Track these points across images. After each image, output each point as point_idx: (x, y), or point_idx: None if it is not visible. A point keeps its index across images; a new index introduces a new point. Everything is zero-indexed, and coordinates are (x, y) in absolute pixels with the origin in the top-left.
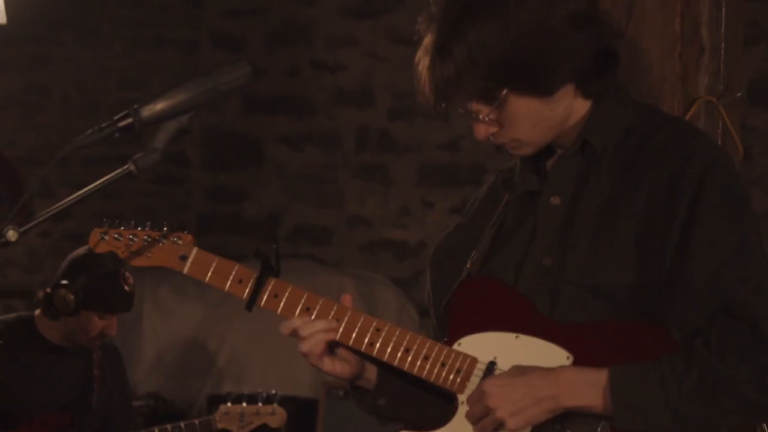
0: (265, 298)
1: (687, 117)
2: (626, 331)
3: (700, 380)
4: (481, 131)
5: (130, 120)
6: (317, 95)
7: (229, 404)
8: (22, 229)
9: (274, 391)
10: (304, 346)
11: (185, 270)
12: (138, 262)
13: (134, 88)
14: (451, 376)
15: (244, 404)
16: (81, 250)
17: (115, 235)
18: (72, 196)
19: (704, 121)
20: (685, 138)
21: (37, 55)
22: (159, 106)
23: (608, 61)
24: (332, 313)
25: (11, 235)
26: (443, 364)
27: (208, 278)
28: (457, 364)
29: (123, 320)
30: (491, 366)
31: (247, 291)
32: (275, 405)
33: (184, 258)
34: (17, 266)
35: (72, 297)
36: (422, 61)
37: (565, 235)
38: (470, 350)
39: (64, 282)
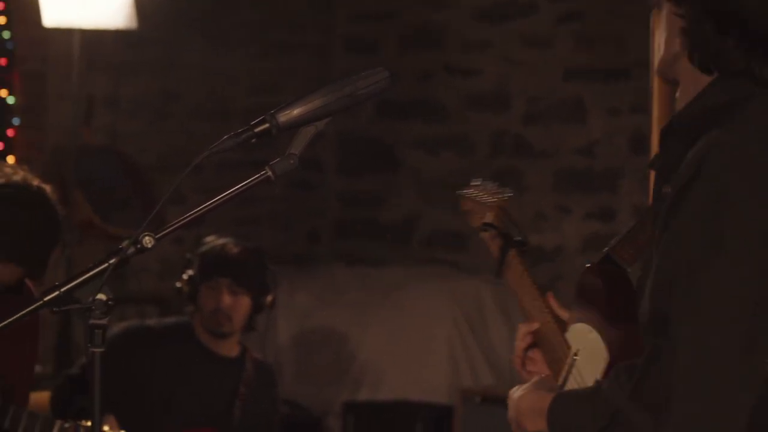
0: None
1: None
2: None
3: (607, 409)
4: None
5: (266, 125)
6: (451, 100)
7: None
8: (158, 235)
9: None
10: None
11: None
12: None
13: (264, 94)
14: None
15: None
16: None
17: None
18: (208, 203)
19: None
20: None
21: (166, 60)
22: (296, 111)
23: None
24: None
25: (147, 241)
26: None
27: None
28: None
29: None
30: (573, 360)
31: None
32: None
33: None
34: (151, 273)
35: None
36: None
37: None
38: (572, 339)
39: None
